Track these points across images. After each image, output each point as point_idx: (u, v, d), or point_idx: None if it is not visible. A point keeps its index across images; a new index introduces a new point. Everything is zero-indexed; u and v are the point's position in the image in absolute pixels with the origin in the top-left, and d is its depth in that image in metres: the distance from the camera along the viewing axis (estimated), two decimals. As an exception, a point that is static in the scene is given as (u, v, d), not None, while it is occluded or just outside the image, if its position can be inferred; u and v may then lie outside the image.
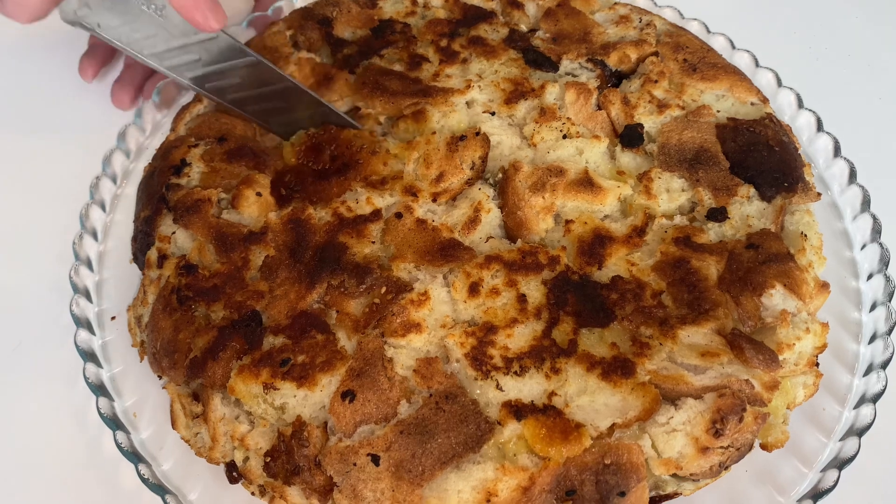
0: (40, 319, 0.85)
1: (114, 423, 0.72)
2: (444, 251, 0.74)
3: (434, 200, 0.79)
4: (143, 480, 0.69)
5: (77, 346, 0.76)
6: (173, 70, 0.80)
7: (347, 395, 0.65)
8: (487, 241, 0.76)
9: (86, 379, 0.74)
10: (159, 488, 0.69)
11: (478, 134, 0.81)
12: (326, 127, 0.85)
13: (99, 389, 0.74)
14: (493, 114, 0.85)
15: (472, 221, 0.77)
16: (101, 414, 0.72)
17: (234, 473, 0.69)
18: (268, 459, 0.66)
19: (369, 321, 0.70)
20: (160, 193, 0.82)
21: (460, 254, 0.74)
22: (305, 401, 0.67)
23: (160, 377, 0.75)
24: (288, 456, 0.65)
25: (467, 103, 0.86)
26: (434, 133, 0.82)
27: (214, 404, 0.69)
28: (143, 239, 0.81)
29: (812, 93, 0.97)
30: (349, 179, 0.80)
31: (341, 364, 0.68)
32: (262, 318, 0.72)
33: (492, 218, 0.78)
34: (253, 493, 0.69)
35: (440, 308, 0.71)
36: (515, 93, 0.87)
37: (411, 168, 0.81)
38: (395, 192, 0.79)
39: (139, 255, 0.82)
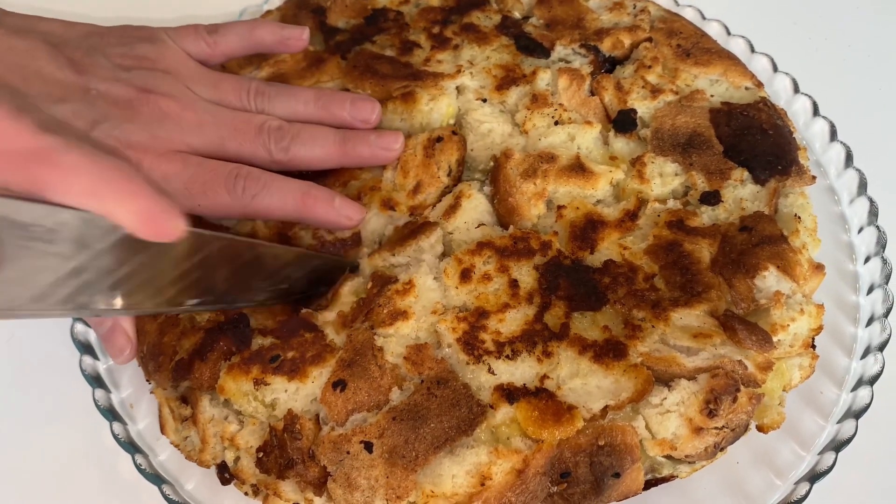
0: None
1: (110, 413, 0.72)
2: (415, 231, 0.74)
3: (411, 215, 0.78)
4: (140, 471, 0.69)
5: (74, 339, 0.76)
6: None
7: (338, 384, 0.65)
8: (478, 227, 0.76)
9: (82, 371, 0.74)
10: (156, 478, 0.69)
11: (455, 133, 0.81)
12: None
13: (95, 381, 0.74)
14: (484, 101, 0.85)
15: (452, 207, 0.77)
16: (97, 405, 0.72)
17: (225, 475, 0.68)
18: (260, 455, 0.65)
19: (357, 316, 0.70)
20: None
21: (427, 225, 0.74)
22: (297, 394, 0.67)
23: (149, 381, 0.75)
24: (280, 450, 0.64)
25: (458, 88, 0.86)
26: (410, 136, 0.81)
27: (203, 406, 0.68)
28: None
29: (809, 82, 0.96)
30: (328, 185, 0.79)
31: (331, 356, 0.68)
32: (250, 320, 0.71)
33: (475, 203, 0.78)
34: (246, 494, 0.68)
35: (427, 295, 0.71)
36: (507, 79, 0.86)
37: (389, 175, 0.80)
38: (374, 205, 0.78)
39: None
